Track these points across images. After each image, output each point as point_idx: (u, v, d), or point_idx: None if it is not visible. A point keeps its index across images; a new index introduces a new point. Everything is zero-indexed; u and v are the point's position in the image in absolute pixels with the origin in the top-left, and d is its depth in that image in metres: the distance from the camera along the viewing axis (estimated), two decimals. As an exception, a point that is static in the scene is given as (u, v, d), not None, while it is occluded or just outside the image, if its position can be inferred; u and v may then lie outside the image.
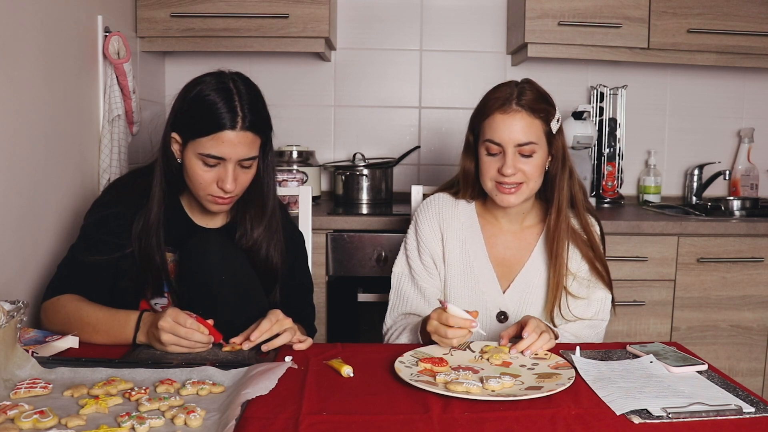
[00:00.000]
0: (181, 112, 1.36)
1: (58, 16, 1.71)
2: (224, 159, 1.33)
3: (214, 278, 1.34)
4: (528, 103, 1.44)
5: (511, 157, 1.44)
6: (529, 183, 1.46)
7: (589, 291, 1.53)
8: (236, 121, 1.31)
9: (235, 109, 1.31)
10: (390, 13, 2.71)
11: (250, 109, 1.33)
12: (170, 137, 1.38)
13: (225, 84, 1.34)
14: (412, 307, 1.58)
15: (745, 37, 2.39)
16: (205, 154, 1.32)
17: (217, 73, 1.38)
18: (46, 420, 0.91)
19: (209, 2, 2.31)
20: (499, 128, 1.44)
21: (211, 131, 1.31)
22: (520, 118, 1.43)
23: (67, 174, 1.78)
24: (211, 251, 1.36)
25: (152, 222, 1.39)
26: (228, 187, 1.34)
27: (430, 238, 1.58)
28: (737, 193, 2.77)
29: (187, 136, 1.35)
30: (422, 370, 1.15)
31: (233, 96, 1.32)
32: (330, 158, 2.74)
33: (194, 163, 1.34)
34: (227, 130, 1.31)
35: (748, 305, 2.24)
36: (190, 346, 1.22)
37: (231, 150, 1.32)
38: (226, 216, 1.51)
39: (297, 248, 1.60)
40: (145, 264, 1.39)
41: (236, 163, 1.34)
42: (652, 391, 1.07)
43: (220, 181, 1.34)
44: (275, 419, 0.96)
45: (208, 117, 1.31)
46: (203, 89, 1.34)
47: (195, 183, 1.36)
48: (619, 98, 2.72)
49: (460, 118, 1.51)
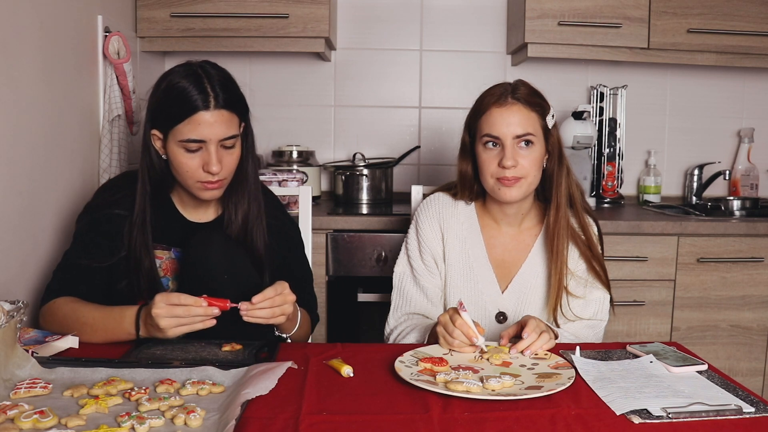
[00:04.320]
0: (155, 107, 1.38)
1: (58, 16, 1.71)
2: (204, 141, 1.34)
3: (215, 275, 1.34)
4: (523, 96, 1.46)
5: (510, 149, 1.44)
6: (528, 177, 1.47)
7: (587, 290, 1.53)
8: (208, 101, 1.33)
9: (206, 90, 1.34)
10: (390, 13, 2.72)
11: (221, 88, 1.35)
12: (150, 135, 1.40)
13: (193, 70, 1.37)
14: (415, 307, 1.58)
15: (745, 37, 2.39)
16: (185, 139, 1.34)
17: (185, 63, 1.40)
18: (46, 420, 0.91)
19: (209, 2, 2.31)
20: (497, 122, 1.45)
21: (185, 115, 1.33)
22: (517, 110, 1.45)
23: (67, 174, 1.78)
24: (213, 249, 1.37)
25: (138, 225, 1.40)
26: (214, 169, 1.35)
27: (431, 237, 1.58)
28: (737, 193, 2.77)
29: (165, 127, 1.36)
30: (422, 369, 1.15)
31: (202, 79, 1.35)
32: (330, 158, 2.74)
33: (177, 152, 1.36)
34: (201, 111, 1.33)
35: (748, 305, 2.24)
36: (191, 322, 1.22)
37: (209, 131, 1.33)
38: (217, 209, 1.52)
39: (292, 240, 1.61)
40: (135, 266, 1.41)
41: (218, 144, 1.36)
42: (652, 391, 1.07)
43: (205, 165, 1.35)
44: (275, 419, 0.96)
45: (180, 102, 1.33)
46: (172, 79, 1.36)
47: (182, 172, 1.38)
48: (619, 98, 2.72)
49: (460, 118, 1.51)
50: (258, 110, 2.61)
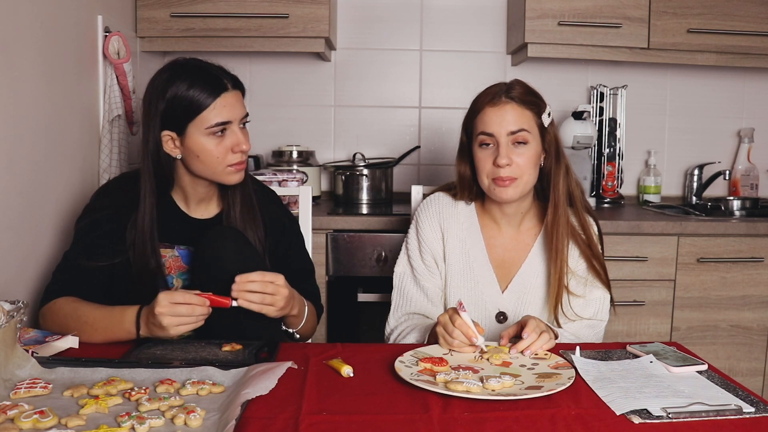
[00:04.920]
0: (167, 109, 1.38)
1: (58, 16, 1.71)
2: (230, 122, 1.39)
3: (228, 272, 1.35)
4: (518, 95, 1.47)
5: (505, 147, 1.45)
6: (523, 177, 1.47)
7: (587, 290, 1.53)
8: (226, 84, 1.39)
9: (218, 74, 1.39)
10: (390, 13, 2.72)
11: (224, 72, 1.42)
12: (160, 139, 1.40)
13: (195, 62, 1.42)
14: (415, 306, 1.58)
15: (745, 37, 2.39)
16: (213, 124, 1.37)
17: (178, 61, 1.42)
18: (46, 420, 0.91)
19: (209, 2, 2.31)
20: (491, 120, 1.46)
21: (209, 101, 1.37)
22: (511, 108, 1.46)
23: (67, 174, 1.78)
24: (226, 246, 1.38)
25: (146, 230, 1.41)
26: (245, 147, 1.40)
27: (431, 237, 1.58)
28: (737, 193, 2.77)
29: (184, 123, 1.37)
30: (422, 369, 1.15)
31: (208, 67, 1.40)
32: (330, 158, 2.74)
33: (204, 142, 1.38)
34: (224, 93, 1.38)
35: (748, 305, 2.24)
36: (194, 321, 1.24)
37: (233, 111, 1.39)
38: (218, 205, 1.53)
39: (291, 233, 1.61)
40: (140, 270, 1.41)
41: (239, 124, 1.41)
42: (652, 391, 1.07)
43: (235, 146, 1.40)
44: (275, 419, 0.97)
45: (201, 92, 1.36)
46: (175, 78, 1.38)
47: (212, 160, 1.40)
48: (619, 98, 2.72)
49: (460, 118, 1.51)
50: (258, 110, 2.66)
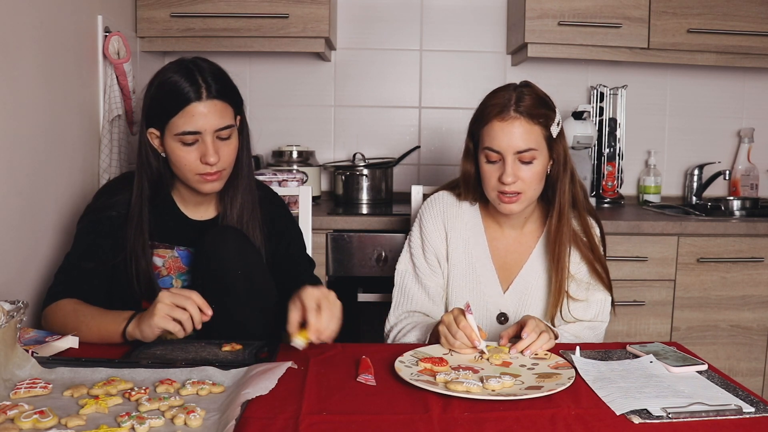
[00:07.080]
0: (150, 105, 1.39)
1: (58, 16, 1.71)
2: (200, 132, 1.35)
3: (229, 271, 1.34)
4: (527, 109, 1.42)
5: (511, 164, 1.42)
6: (528, 192, 1.45)
7: (588, 293, 1.53)
8: (200, 92, 1.35)
9: (197, 81, 1.35)
10: (390, 13, 2.71)
11: (213, 79, 1.37)
12: (147, 136, 1.40)
13: (185, 65, 1.38)
14: (416, 305, 1.58)
15: (745, 37, 2.39)
16: (180, 132, 1.35)
17: (177, 60, 1.41)
18: (46, 420, 0.91)
19: (209, 2, 2.31)
20: (498, 136, 1.43)
21: (179, 108, 1.34)
22: (519, 125, 1.42)
23: (67, 174, 1.78)
24: (228, 245, 1.38)
25: (134, 225, 1.41)
26: (211, 160, 1.35)
27: (435, 236, 1.58)
28: (737, 193, 2.77)
29: (161, 123, 1.37)
30: (422, 369, 1.15)
31: (194, 72, 1.36)
32: (330, 158, 2.74)
33: (175, 147, 1.37)
34: (194, 103, 1.34)
35: (748, 305, 2.24)
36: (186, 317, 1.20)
37: (203, 121, 1.35)
38: (218, 207, 1.52)
39: (292, 231, 1.61)
40: (134, 267, 1.41)
41: (213, 135, 1.36)
42: (652, 391, 1.07)
43: (202, 156, 1.36)
44: (275, 419, 0.96)
45: (173, 96, 1.34)
46: (165, 75, 1.38)
47: (181, 166, 1.38)
48: (619, 98, 2.72)
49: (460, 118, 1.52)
50: (258, 110, 2.66)
